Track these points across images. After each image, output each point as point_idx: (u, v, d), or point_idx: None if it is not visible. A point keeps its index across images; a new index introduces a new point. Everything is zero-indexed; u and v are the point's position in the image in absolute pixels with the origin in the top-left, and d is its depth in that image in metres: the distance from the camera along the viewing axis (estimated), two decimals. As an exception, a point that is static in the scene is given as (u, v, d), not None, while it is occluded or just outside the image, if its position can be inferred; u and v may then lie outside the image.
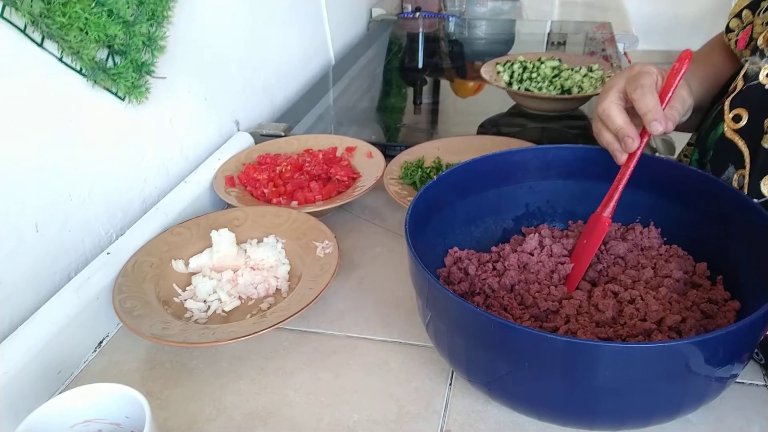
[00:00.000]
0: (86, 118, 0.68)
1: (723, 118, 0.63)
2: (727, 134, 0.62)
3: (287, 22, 1.16)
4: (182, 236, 0.73)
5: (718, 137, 0.63)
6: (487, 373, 0.49)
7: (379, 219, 0.83)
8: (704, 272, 0.58)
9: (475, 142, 0.90)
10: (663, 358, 0.42)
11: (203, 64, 0.89)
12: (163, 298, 0.65)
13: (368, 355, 0.61)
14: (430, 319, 0.52)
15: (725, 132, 0.62)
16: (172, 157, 0.84)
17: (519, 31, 1.67)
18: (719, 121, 0.64)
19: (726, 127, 0.62)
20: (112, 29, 0.65)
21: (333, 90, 1.23)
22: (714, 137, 0.64)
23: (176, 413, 0.56)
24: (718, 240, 0.58)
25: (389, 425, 0.53)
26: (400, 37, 1.60)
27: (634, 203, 0.63)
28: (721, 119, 0.63)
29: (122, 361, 0.62)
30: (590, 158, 0.63)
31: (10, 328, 0.59)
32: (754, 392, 0.55)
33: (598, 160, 0.62)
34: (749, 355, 0.48)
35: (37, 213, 0.63)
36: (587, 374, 0.43)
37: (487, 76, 1.14)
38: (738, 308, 0.53)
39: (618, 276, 0.59)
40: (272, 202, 0.80)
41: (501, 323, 0.44)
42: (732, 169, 0.61)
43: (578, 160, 0.64)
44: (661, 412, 0.47)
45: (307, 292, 0.64)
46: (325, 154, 0.88)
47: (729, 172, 0.61)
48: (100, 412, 0.45)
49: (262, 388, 0.58)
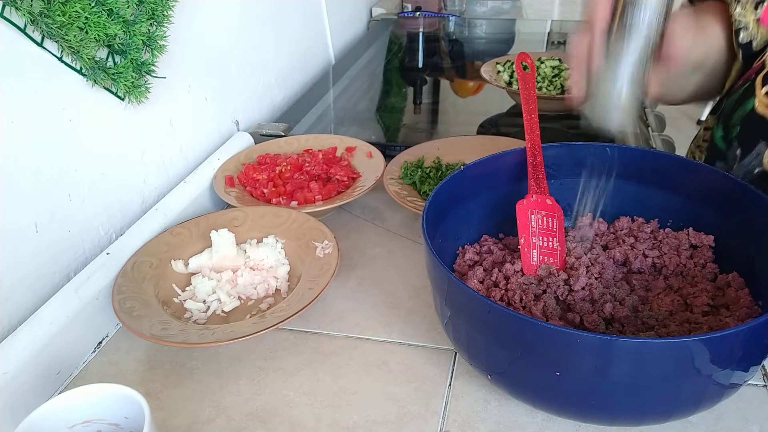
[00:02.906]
0: (86, 118, 0.68)
1: (754, 94, 0.63)
2: (758, 110, 0.62)
3: (287, 22, 1.16)
4: (182, 236, 0.73)
5: (747, 113, 0.63)
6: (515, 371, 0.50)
7: (379, 219, 0.83)
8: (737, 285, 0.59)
9: (475, 142, 0.90)
10: (675, 354, 0.42)
11: (203, 64, 0.89)
12: (163, 299, 0.65)
13: (368, 355, 0.61)
14: (449, 317, 0.53)
15: (756, 107, 0.62)
16: (171, 157, 0.84)
17: (519, 31, 1.67)
18: (749, 97, 0.63)
19: (758, 102, 0.62)
20: (112, 28, 0.65)
21: (333, 90, 1.23)
22: (742, 113, 0.64)
23: (175, 414, 0.55)
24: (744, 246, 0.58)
25: (389, 426, 0.53)
26: (400, 36, 1.60)
27: (666, 207, 0.64)
28: (751, 95, 0.63)
29: (121, 361, 0.62)
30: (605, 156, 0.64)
31: (9, 328, 0.59)
32: (754, 392, 0.55)
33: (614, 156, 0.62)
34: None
35: (36, 213, 0.63)
36: (619, 370, 0.44)
37: (487, 76, 1.14)
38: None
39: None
40: (272, 202, 0.80)
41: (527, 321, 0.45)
42: (763, 144, 0.61)
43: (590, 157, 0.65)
44: (679, 409, 0.47)
45: (306, 292, 0.63)
46: (324, 154, 0.88)
47: (760, 148, 0.61)
48: (100, 412, 0.45)
49: (262, 388, 0.58)
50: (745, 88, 0.65)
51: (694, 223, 0.63)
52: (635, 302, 0.57)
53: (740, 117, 0.64)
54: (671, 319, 0.54)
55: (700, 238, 0.62)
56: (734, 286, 0.57)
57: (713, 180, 0.60)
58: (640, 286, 0.59)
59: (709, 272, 0.60)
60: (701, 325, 0.53)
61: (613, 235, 0.65)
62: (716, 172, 0.61)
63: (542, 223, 0.61)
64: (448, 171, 0.82)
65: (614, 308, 0.56)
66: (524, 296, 0.57)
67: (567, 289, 0.58)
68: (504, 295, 0.58)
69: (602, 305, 0.56)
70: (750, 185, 0.57)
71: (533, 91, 0.56)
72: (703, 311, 0.55)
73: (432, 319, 0.64)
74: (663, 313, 0.55)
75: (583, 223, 0.66)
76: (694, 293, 0.57)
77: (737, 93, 0.66)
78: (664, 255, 0.62)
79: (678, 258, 0.61)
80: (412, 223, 0.81)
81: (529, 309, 0.56)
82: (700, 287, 0.58)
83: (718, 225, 0.61)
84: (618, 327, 0.55)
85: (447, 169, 0.83)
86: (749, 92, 0.64)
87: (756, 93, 0.62)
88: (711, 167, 0.62)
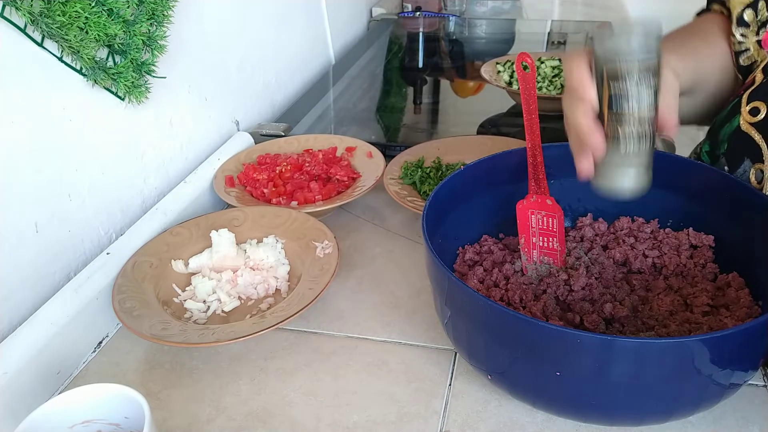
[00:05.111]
0: (86, 118, 0.68)
1: (739, 111, 0.62)
2: (742, 127, 0.61)
3: (287, 22, 1.16)
4: (182, 236, 0.73)
5: (733, 130, 0.62)
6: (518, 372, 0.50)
7: (379, 219, 0.83)
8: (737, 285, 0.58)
9: (475, 142, 0.90)
10: (675, 354, 0.42)
11: (203, 64, 0.89)
12: (163, 299, 0.65)
13: (368, 355, 0.61)
14: (449, 317, 0.53)
15: (741, 125, 0.61)
16: (171, 157, 0.84)
17: (519, 31, 1.67)
18: (735, 114, 0.63)
19: (742, 120, 0.61)
20: (112, 28, 0.65)
21: (333, 90, 1.23)
22: (729, 130, 0.63)
23: (175, 413, 0.55)
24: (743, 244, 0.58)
25: (389, 426, 0.53)
26: (401, 36, 1.60)
27: (666, 207, 0.64)
28: (737, 112, 0.62)
29: (121, 361, 0.62)
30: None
31: (9, 328, 0.59)
32: (754, 393, 0.55)
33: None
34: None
35: (36, 213, 0.63)
36: (619, 369, 0.44)
37: (487, 76, 1.14)
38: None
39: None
40: (272, 202, 0.80)
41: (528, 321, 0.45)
42: (748, 162, 0.60)
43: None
44: (678, 410, 0.48)
45: (306, 292, 0.63)
46: (325, 154, 0.88)
47: (745, 166, 0.61)
48: (100, 412, 0.45)
49: (262, 388, 0.58)
50: (732, 105, 0.64)
51: (694, 223, 0.63)
52: (635, 302, 0.57)
53: (727, 134, 0.63)
54: (671, 319, 0.54)
55: (700, 238, 0.62)
56: (734, 286, 0.57)
57: (713, 180, 0.60)
58: (640, 286, 0.59)
59: (709, 272, 0.60)
60: (701, 325, 0.53)
61: (613, 235, 0.65)
62: (716, 172, 0.61)
63: (542, 224, 0.61)
64: (448, 171, 0.82)
65: (614, 308, 0.56)
66: (524, 296, 0.57)
67: (567, 289, 0.58)
68: (504, 295, 0.58)
69: (602, 305, 0.56)
70: (750, 185, 0.57)
71: (533, 91, 0.56)
72: (703, 311, 0.55)
73: (432, 319, 0.64)
74: (663, 313, 0.55)
75: (584, 223, 0.66)
76: (694, 293, 0.57)
77: (725, 110, 0.66)
78: (664, 255, 0.62)
79: (678, 258, 0.61)
80: (412, 223, 0.81)
81: (529, 309, 0.56)
82: (700, 287, 0.58)
83: (718, 225, 0.61)
84: (618, 327, 0.55)
85: (447, 169, 0.83)
86: (736, 109, 0.63)
87: (741, 110, 0.62)
88: (711, 167, 0.62)
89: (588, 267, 0.61)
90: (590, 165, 0.51)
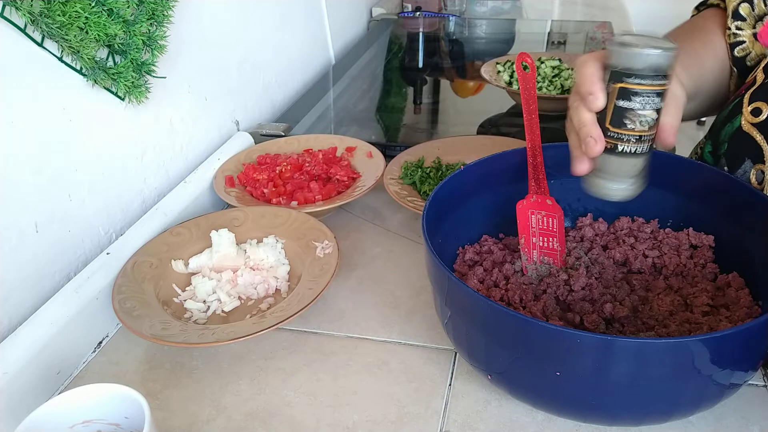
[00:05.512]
0: (86, 118, 0.68)
1: (741, 111, 0.62)
2: (744, 127, 0.61)
3: (287, 22, 1.16)
4: (182, 236, 0.73)
5: (734, 130, 0.62)
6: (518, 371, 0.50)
7: (379, 219, 0.83)
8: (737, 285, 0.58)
9: (475, 142, 0.90)
10: (675, 354, 0.42)
11: (203, 64, 0.89)
12: (163, 299, 0.65)
13: (368, 355, 0.61)
14: (449, 317, 0.53)
15: (742, 125, 0.61)
16: (171, 157, 0.84)
17: (519, 31, 1.67)
18: (736, 114, 0.63)
19: (744, 120, 0.61)
20: (112, 28, 0.65)
21: (333, 90, 1.23)
22: (730, 130, 0.63)
23: (175, 413, 0.55)
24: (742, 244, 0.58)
25: (389, 426, 0.53)
26: (401, 36, 1.60)
27: (666, 207, 0.64)
28: (738, 112, 0.62)
29: (122, 361, 0.62)
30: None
31: (9, 328, 0.59)
32: (754, 392, 0.55)
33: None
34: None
35: (36, 213, 0.63)
36: (620, 369, 0.44)
37: (487, 76, 1.14)
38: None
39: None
40: (272, 202, 0.80)
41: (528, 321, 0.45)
42: (749, 163, 0.60)
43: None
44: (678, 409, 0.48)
45: (306, 292, 0.63)
46: (325, 154, 0.88)
47: (746, 166, 0.61)
48: (100, 412, 0.45)
49: (262, 388, 0.58)
50: (734, 105, 0.64)
51: (694, 223, 0.63)
52: (635, 302, 0.57)
53: (728, 134, 0.63)
54: (671, 319, 0.54)
55: (700, 238, 0.62)
56: (734, 286, 0.57)
57: (713, 180, 0.60)
58: (640, 286, 0.59)
59: (709, 272, 0.60)
60: (701, 325, 0.53)
61: (613, 235, 0.65)
62: (716, 172, 0.61)
63: (542, 224, 0.61)
64: (448, 171, 0.82)
65: (614, 308, 0.56)
66: (524, 296, 0.57)
67: (567, 289, 0.58)
68: (504, 295, 0.58)
69: (602, 305, 0.56)
70: (750, 185, 0.57)
71: (533, 91, 0.56)
72: (703, 311, 0.55)
73: (432, 319, 0.64)
74: (663, 313, 0.55)
75: (584, 223, 0.66)
76: (694, 293, 0.57)
77: (727, 109, 0.66)
78: (664, 255, 0.62)
79: (678, 258, 0.61)
80: (412, 223, 0.81)
81: (529, 309, 0.56)
82: (700, 287, 0.58)
83: (718, 225, 0.61)
84: (618, 327, 0.55)
85: (447, 169, 0.83)
86: (737, 109, 0.63)
87: (743, 110, 0.62)
88: (711, 167, 0.62)
89: (588, 267, 0.61)
90: (587, 168, 0.51)
